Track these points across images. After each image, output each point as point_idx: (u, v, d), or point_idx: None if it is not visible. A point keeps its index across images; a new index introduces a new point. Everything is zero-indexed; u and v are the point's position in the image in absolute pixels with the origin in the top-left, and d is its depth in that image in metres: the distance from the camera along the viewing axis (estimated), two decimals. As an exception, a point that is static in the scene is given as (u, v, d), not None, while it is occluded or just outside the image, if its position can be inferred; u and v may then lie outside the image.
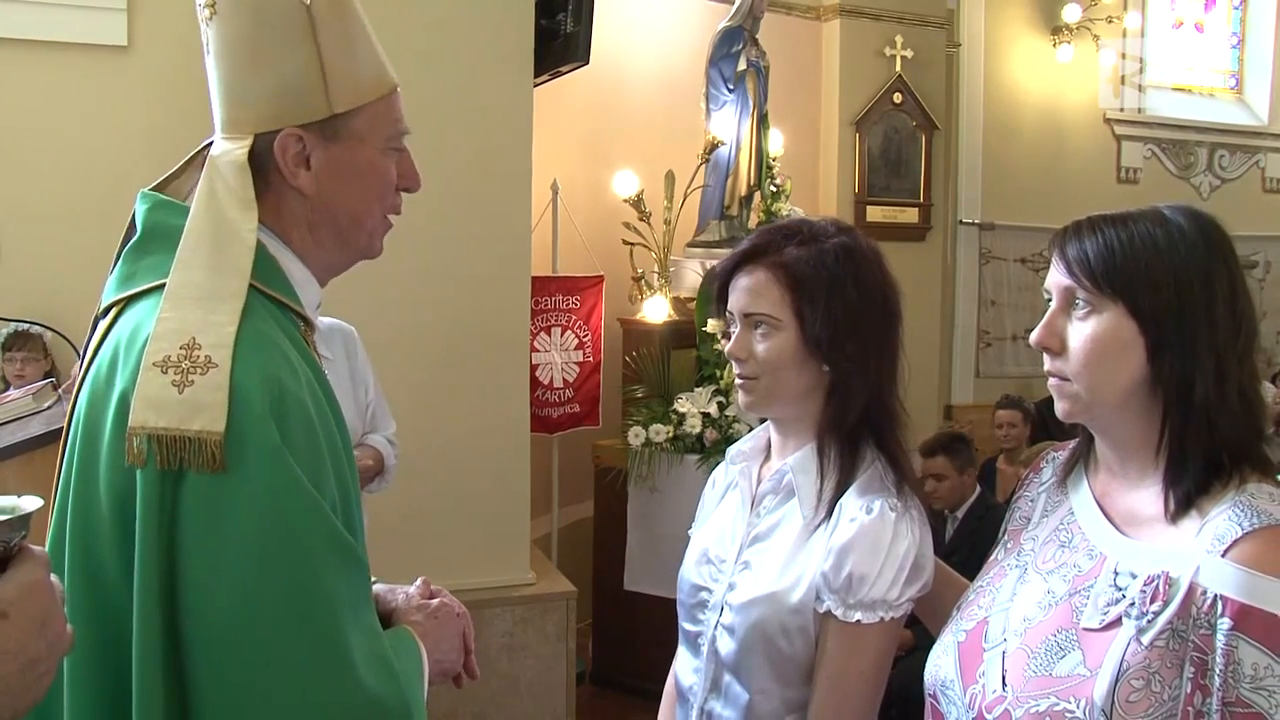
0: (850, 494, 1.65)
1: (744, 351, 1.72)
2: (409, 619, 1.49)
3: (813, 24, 7.10)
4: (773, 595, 1.66)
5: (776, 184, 6.03)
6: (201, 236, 1.31)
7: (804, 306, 1.67)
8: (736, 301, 1.74)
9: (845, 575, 1.58)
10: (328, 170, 1.38)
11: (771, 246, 1.72)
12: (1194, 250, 1.32)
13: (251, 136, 1.36)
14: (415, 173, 1.50)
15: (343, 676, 1.22)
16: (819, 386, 1.71)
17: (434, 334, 4.19)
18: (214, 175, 1.35)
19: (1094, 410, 1.37)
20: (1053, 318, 1.39)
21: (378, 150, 1.43)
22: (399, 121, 1.45)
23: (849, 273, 1.67)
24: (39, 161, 3.77)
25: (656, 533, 4.96)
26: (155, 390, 1.20)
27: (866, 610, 1.58)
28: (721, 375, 5.10)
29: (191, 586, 1.18)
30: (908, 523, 1.62)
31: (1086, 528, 1.41)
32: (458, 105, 4.05)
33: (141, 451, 1.19)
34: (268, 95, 1.36)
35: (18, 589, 0.91)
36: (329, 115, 1.37)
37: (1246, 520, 1.22)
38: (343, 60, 1.37)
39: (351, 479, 1.38)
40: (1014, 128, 8.30)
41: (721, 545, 1.81)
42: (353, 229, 1.44)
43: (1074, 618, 1.32)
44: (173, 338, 1.23)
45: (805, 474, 1.71)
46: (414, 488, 4.05)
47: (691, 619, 1.82)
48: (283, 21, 1.34)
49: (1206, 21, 9.57)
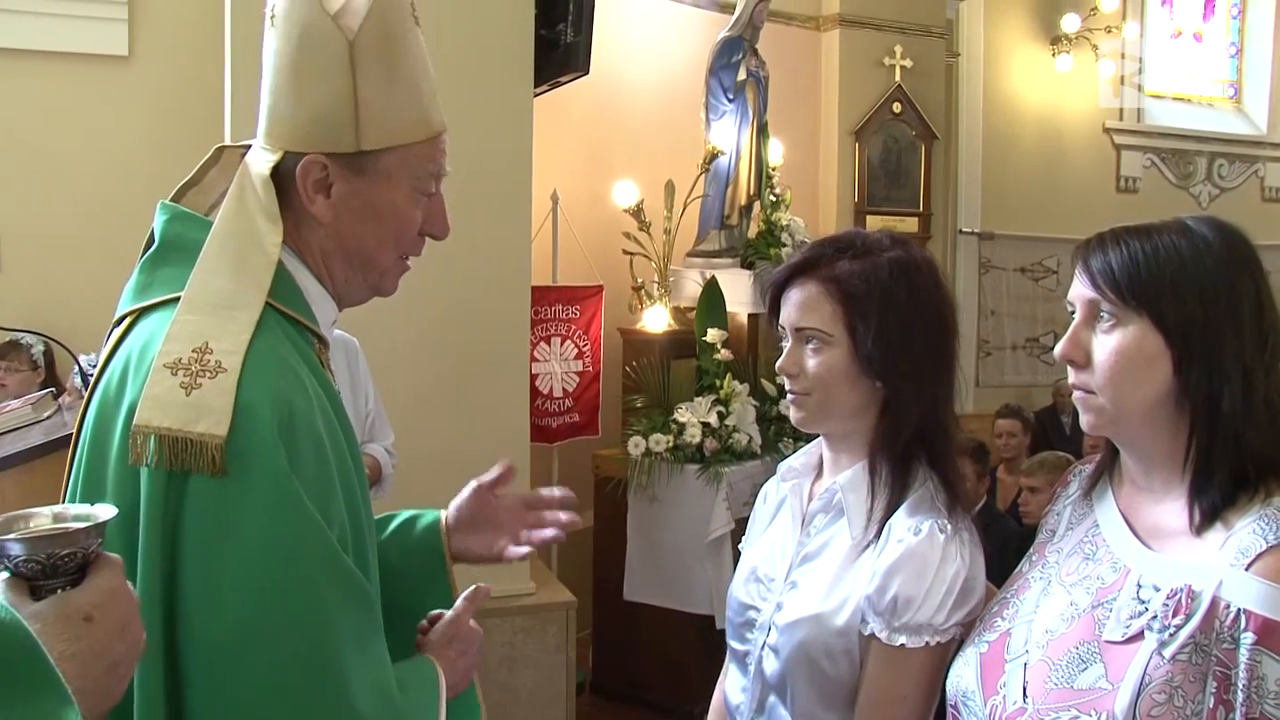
0: (900, 514, 1.62)
1: (795, 367, 1.69)
2: (439, 652, 1.48)
3: (812, 34, 7.11)
4: (818, 616, 1.62)
5: (776, 193, 6.03)
6: (226, 242, 1.31)
7: (856, 322, 1.63)
8: (788, 315, 1.70)
9: (891, 598, 1.55)
10: (346, 203, 1.37)
11: (824, 260, 1.68)
12: (1219, 261, 1.30)
13: (281, 152, 1.35)
14: (444, 220, 1.47)
15: (336, 703, 1.21)
16: (872, 403, 1.67)
17: (434, 343, 4.17)
18: (245, 181, 1.35)
19: (1120, 423, 1.36)
20: (1077, 331, 1.37)
21: (404, 192, 1.40)
22: (435, 166, 1.43)
23: (903, 287, 1.63)
24: (40, 170, 3.77)
25: (656, 542, 4.95)
26: (163, 390, 1.20)
27: (911, 634, 1.54)
28: (721, 385, 5.09)
29: (191, 592, 1.18)
30: (957, 545, 1.57)
31: (1111, 540, 1.39)
32: (457, 115, 3.98)
33: (145, 451, 1.18)
34: (300, 117, 1.34)
35: (100, 594, 0.95)
36: (356, 150, 1.35)
37: (1271, 534, 1.21)
38: (379, 99, 1.35)
39: (363, 498, 1.37)
40: (1013, 137, 8.31)
41: (771, 564, 1.77)
42: (365, 265, 1.42)
43: (1096, 630, 1.31)
44: (186, 340, 1.22)
45: (855, 493, 1.67)
46: (413, 497, 4.02)
47: (740, 638, 1.78)
48: (323, 50, 1.33)
49: (1205, 31, 9.60)
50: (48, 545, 0.94)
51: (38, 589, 0.93)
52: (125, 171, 3.67)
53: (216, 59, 3.82)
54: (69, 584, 0.95)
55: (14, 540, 0.93)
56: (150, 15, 3.83)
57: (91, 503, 1.25)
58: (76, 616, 0.92)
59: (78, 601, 0.93)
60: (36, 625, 0.88)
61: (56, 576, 0.94)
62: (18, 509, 0.98)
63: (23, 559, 0.93)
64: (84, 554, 0.95)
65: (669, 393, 5.15)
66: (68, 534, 0.95)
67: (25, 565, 0.93)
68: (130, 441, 1.19)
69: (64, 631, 0.91)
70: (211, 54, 3.92)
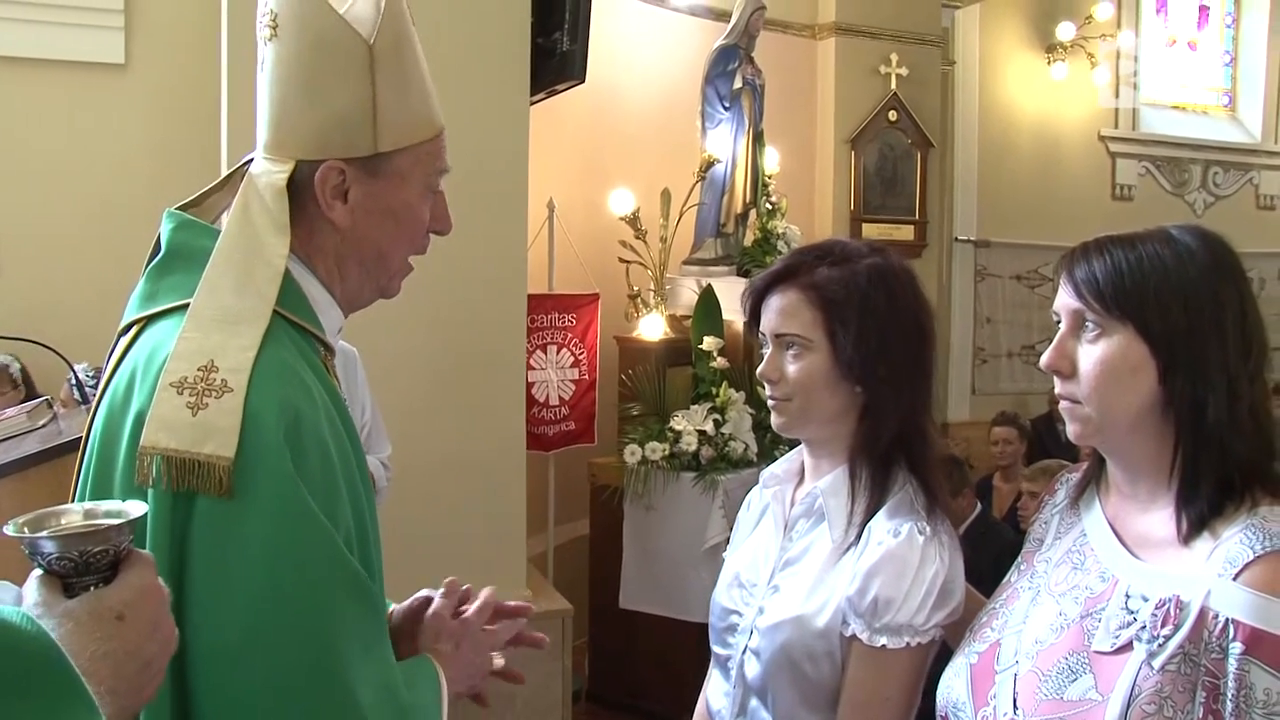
0: (880, 517, 1.64)
1: (776, 373, 1.71)
2: (433, 647, 1.48)
3: (808, 42, 7.12)
4: (799, 619, 1.64)
5: (772, 201, 6.04)
6: (231, 257, 1.31)
7: (836, 328, 1.66)
8: (768, 322, 1.73)
9: (871, 599, 1.57)
10: (364, 206, 1.38)
11: (804, 267, 1.71)
12: (1202, 270, 1.31)
13: (294, 162, 1.35)
14: (448, 216, 1.50)
15: (343, 704, 1.21)
16: (852, 408, 1.70)
17: (430, 352, 4.17)
18: (251, 194, 1.35)
19: (1106, 432, 1.37)
20: (1062, 341, 1.38)
21: (416, 191, 1.42)
22: (440, 163, 1.45)
23: (881, 294, 1.66)
24: (37, 178, 3.78)
25: (652, 551, 4.95)
26: (169, 411, 1.20)
27: (892, 635, 1.56)
28: (717, 393, 5.09)
29: (198, 610, 1.18)
30: (936, 547, 1.59)
31: (1099, 550, 1.40)
32: (453, 123, 3.99)
33: (151, 472, 1.18)
34: (316, 125, 1.35)
35: (132, 592, 0.95)
36: (373, 153, 1.36)
37: (1259, 544, 1.21)
38: (395, 100, 1.37)
39: (368, 505, 1.37)
40: (1009, 145, 8.33)
41: (754, 569, 1.79)
42: (378, 266, 1.44)
43: (1086, 640, 1.31)
44: (192, 358, 1.22)
45: (836, 497, 1.69)
46: (410, 506, 4.03)
47: (722, 642, 1.80)
48: (343, 55, 1.34)
49: (1200, 40, 9.63)
50: (80, 543, 0.94)
51: (70, 586, 0.94)
52: (122, 179, 3.67)
53: (213, 67, 3.82)
54: (101, 581, 0.95)
55: (46, 538, 0.94)
56: (147, 24, 3.83)
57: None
58: (109, 615, 0.92)
59: (110, 600, 0.93)
60: (69, 624, 0.90)
61: (89, 574, 0.94)
62: (14, 516, 0.97)
63: (55, 556, 0.93)
64: (115, 551, 0.95)
65: (665, 401, 5.16)
66: (99, 531, 0.95)
67: (58, 563, 0.93)
68: (137, 463, 1.19)
69: (97, 630, 0.91)
70: (208, 62, 3.92)
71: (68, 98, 3.80)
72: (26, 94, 3.76)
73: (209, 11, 3.85)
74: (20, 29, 3.73)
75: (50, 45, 3.75)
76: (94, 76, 3.80)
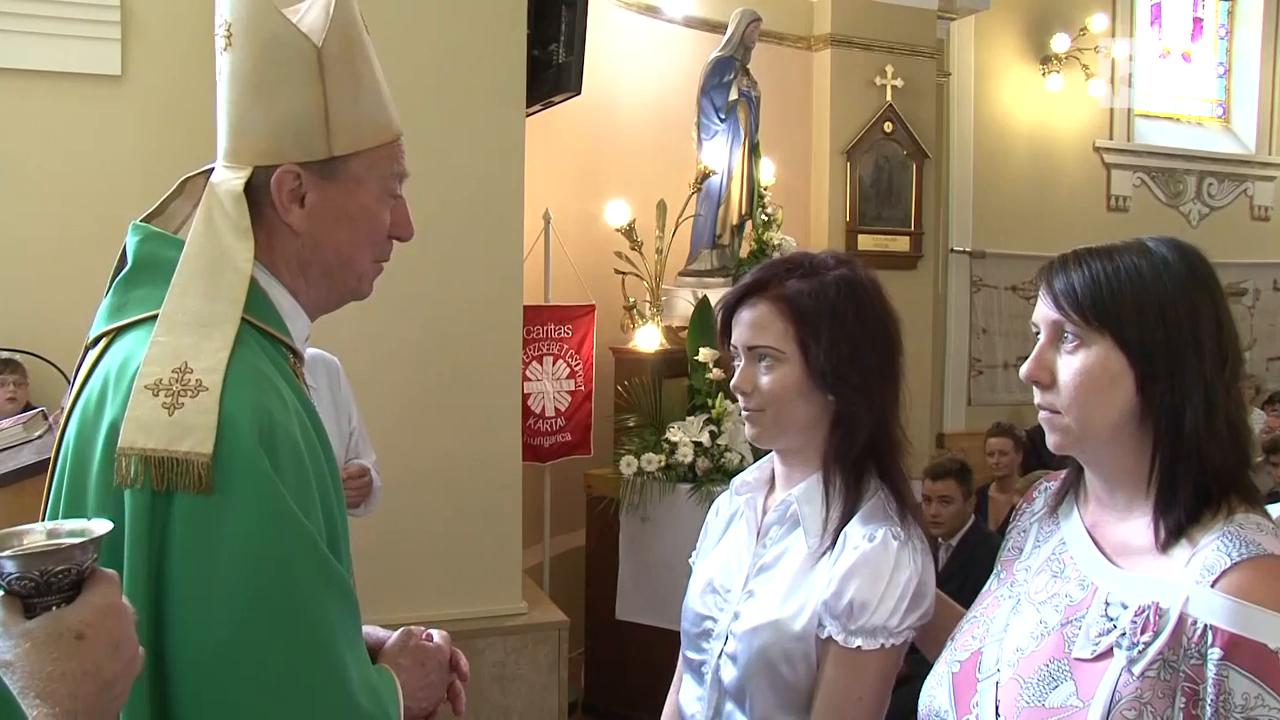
0: (854, 523, 1.67)
1: (748, 385, 1.74)
2: (394, 661, 1.48)
3: (804, 54, 7.15)
4: (776, 622, 1.67)
5: (768, 213, 6.06)
6: (198, 262, 1.32)
7: (807, 338, 1.69)
8: (740, 335, 1.76)
9: (847, 602, 1.60)
10: (321, 210, 1.39)
11: (773, 280, 1.74)
12: (1178, 281, 1.33)
13: (250, 168, 1.37)
14: (409, 222, 1.51)
15: (341, 696, 1.23)
16: (824, 417, 1.73)
17: (426, 363, 4.19)
18: (213, 203, 1.36)
19: (1085, 442, 1.38)
20: (1041, 351, 1.40)
21: (373, 195, 1.43)
22: (398, 168, 1.46)
23: (850, 304, 1.70)
24: (32, 190, 3.78)
25: (648, 562, 4.95)
26: (146, 412, 1.21)
27: (868, 637, 1.59)
28: (713, 404, 5.10)
29: (179, 614, 1.18)
30: (910, 552, 1.63)
31: (1078, 558, 1.41)
32: (450, 135, 4.07)
33: (130, 472, 1.19)
34: (269, 130, 1.37)
35: (94, 611, 0.94)
36: (328, 157, 1.38)
37: (1235, 550, 1.22)
38: (347, 104, 1.38)
39: (340, 512, 1.38)
40: (1004, 156, 8.36)
41: (727, 575, 1.81)
42: (342, 270, 1.45)
43: (1066, 648, 1.32)
44: (165, 361, 1.23)
45: (810, 504, 1.72)
46: (406, 517, 4.05)
47: (695, 648, 1.83)
48: (292, 60, 1.36)
49: (1194, 51, 9.67)
50: (41, 562, 0.92)
51: (31, 606, 0.93)
52: (119, 190, 3.68)
53: (210, 78, 3.82)
54: (64, 601, 0.94)
55: (7, 557, 0.93)
56: (143, 35, 3.85)
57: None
58: (68, 635, 0.91)
59: (70, 619, 0.92)
60: (26, 644, 0.89)
61: (50, 594, 0.93)
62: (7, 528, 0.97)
63: (16, 576, 0.92)
64: (78, 570, 0.94)
65: (661, 412, 5.17)
66: (61, 550, 0.94)
67: (18, 583, 0.92)
68: (115, 465, 1.20)
69: (54, 650, 0.90)
70: (205, 73, 3.92)
71: (64, 109, 3.81)
72: (23, 106, 3.77)
73: (206, 22, 3.84)
74: (16, 41, 3.74)
75: (47, 57, 3.76)
76: (91, 88, 3.82)
